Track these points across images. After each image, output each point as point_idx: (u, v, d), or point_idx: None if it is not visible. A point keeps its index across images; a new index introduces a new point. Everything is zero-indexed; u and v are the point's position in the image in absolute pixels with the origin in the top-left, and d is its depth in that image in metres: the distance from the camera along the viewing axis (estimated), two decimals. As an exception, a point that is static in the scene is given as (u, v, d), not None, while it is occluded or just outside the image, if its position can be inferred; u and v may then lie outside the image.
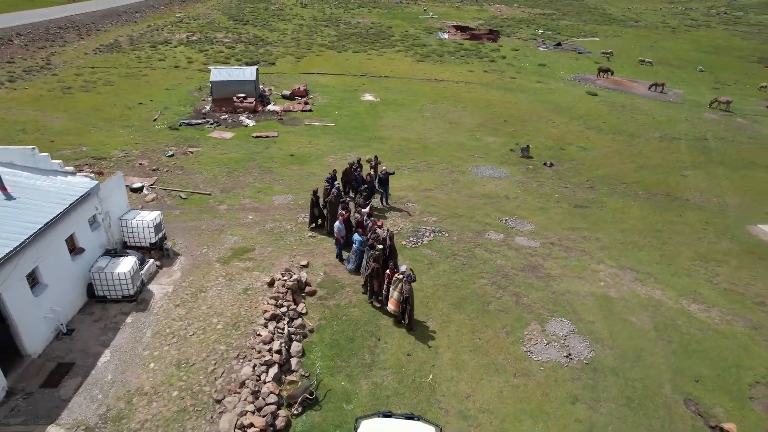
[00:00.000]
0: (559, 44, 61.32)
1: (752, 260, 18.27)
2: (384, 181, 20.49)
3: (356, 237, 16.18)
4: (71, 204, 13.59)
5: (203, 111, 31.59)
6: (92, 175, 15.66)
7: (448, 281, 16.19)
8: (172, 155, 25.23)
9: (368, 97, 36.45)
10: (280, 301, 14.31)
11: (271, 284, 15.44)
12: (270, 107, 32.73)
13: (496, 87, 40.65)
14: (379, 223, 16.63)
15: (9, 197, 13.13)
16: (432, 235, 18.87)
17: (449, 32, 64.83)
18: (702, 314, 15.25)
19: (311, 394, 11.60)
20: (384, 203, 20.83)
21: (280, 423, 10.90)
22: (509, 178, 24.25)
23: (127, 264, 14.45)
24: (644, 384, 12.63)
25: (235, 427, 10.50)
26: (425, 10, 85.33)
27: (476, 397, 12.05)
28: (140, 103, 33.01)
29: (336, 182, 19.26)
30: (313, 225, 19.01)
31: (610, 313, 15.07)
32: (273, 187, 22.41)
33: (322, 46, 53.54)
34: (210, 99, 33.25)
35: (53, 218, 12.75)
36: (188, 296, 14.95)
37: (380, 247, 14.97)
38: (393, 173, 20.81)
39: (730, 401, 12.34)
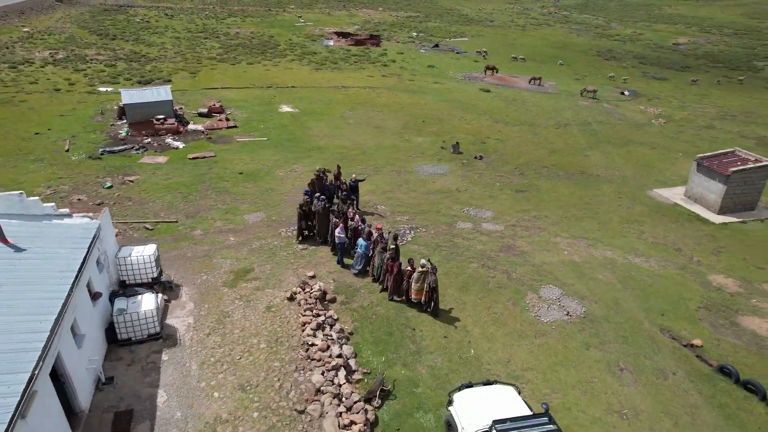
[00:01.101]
0: (436, 45, 66.37)
1: (660, 218, 22.92)
2: (354, 188, 21.65)
3: (360, 242, 17.29)
4: (90, 246, 12.89)
5: (120, 137, 29.52)
6: (90, 215, 14.59)
7: (446, 270, 18.02)
8: (111, 186, 23.62)
9: (286, 108, 36.76)
10: (315, 311, 14.98)
11: (291, 299, 15.95)
12: (191, 127, 31.62)
13: (401, 90, 43.38)
14: (378, 226, 17.88)
15: (18, 249, 12.12)
16: (412, 232, 20.57)
17: (333, 39, 66.49)
18: (645, 264, 19.07)
19: (386, 386, 12.70)
20: (355, 208, 21.95)
21: (371, 417, 11.88)
22: (452, 173, 26.82)
23: (149, 302, 14.03)
24: (630, 324, 15.76)
25: (339, 428, 11.27)
26: (299, 17, 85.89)
27: (515, 360, 14.10)
28: (37, 133, 29.75)
29: (317, 194, 20.00)
30: (300, 238, 19.58)
31: (582, 275, 18.17)
32: (238, 206, 22.29)
33: (211, 59, 51.83)
34: (123, 123, 31.14)
35: (83, 263, 12.10)
36: (214, 323, 14.89)
37: (393, 246, 16.32)
38: (363, 179, 22.06)
39: (688, 325, 15.97)
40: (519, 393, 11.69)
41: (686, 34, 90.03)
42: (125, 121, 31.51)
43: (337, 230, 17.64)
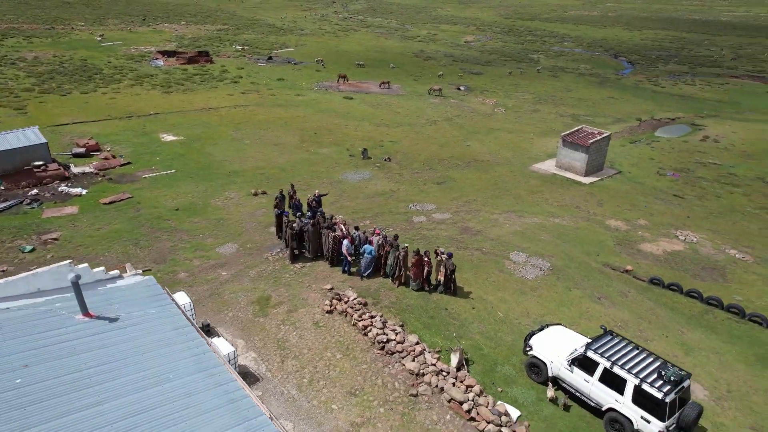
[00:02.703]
0: (270, 58, 66.98)
1: (551, 185, 29.17)
2: (318, 203, 22.89)
3: (367, 247, 19.05)
4: (173, 300, 12.50)
5: (-7, 193, 24.96)
6: (140, 271, 13.33)
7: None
8: (33, 249, 20.59)
9: (169, 137, 34.66)
10: (368, 314, 16.47)
11: (330, 312, 17.09)
12: (76, 170, 28.14)
13: (271, 105, 43.88)
14: (378, 230, 19.79)
15: (111, 319, 11.36)
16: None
17: (161, 58, 62.05)
18: (564, 223, 24.64)
19: (466, 354, 15.16)
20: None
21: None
22: (375, 177, 29.46)
23: (225, 346, 14.01)
24: (583, 267, 20.78)
25: (463, 393, 13.46)
26: (100, 36, 77.00)
27: (532, 311, 17.78)
28: None
29: (298, 213, 20.87)
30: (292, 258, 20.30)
31: (530, 239, 22.79)
32: (201, 242, 21.64)
33: (29, 91, 44.60)
34: (-15, 177, 26.21)
35: (188, 320, 11.88)
36: (279, 351, 15.40)
37: (406, 245, 18.54)
38: (326, 194, 23.38)
39: (616, 257, 21.71)
40: (566, 328, 15.36)
41: (468, 32, 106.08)
42: (-17, 174, 26.56)
43: (345, 241, 19.05)
